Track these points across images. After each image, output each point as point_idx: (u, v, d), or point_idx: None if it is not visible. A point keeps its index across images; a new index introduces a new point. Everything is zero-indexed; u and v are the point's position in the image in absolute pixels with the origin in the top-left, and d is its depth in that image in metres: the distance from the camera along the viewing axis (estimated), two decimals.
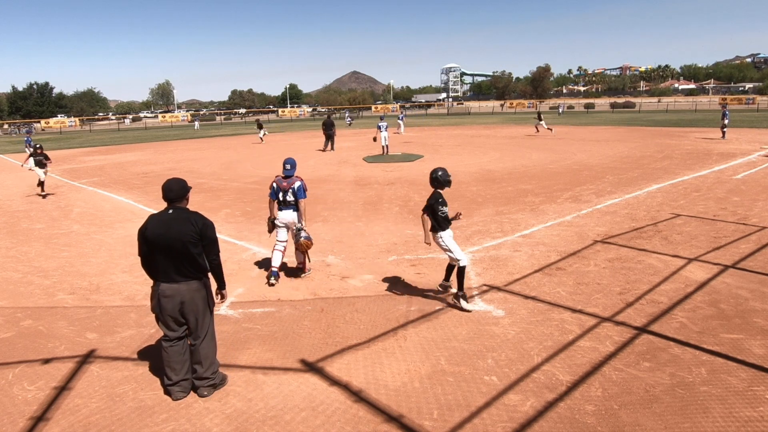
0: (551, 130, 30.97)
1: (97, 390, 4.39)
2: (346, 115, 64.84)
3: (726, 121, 24.43)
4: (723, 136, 24.26)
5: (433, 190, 6.03)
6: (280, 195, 6.92)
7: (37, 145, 15.37)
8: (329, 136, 25.38)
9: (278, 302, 6.29)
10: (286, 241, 7.11)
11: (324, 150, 25.17)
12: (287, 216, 6.95)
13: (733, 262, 7.11)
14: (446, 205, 5.95)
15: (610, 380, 4.30)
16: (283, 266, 7.39)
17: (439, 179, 5.99)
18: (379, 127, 23.05)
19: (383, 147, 22.67)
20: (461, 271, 5.85)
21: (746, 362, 4.51)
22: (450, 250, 5.92)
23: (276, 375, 4.58)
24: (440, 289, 6.43)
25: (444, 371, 4.56)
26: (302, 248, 6.96)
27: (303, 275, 7.17)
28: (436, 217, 5.88)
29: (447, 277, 6.35)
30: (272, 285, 6.83)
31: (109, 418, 3.99)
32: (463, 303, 5.82)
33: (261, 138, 34.01)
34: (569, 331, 5.18)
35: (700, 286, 6.29)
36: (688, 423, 3.71)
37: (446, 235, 5.94)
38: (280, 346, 5.11)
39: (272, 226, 7.12)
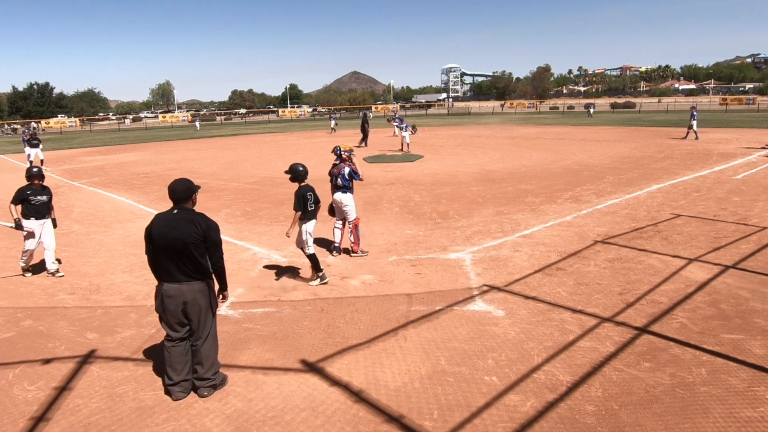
0: None
1: (97, 390, 4.39)
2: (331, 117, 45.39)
3: (694, 122, 24.31)
4: (696, 137, 24.08)
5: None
6: (333, 179, 7.86)
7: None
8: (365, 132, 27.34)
9: (278, 302, 6.29)
10: (342, 220, 8.06)
11: (359, 146, 25.78)
12: (337, 197, 7.90)
13: (734, 262, 7.11)
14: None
15: (611, 380, 4.30)
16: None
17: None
18: (400, 127, 23.59)
19: (405, 144, 23.27)
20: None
21: (746, 362, 4.51)
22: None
23: (276, 375, 4.58)
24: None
25: (444, 371, 4.56)
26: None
27: (353, 255, 7.91)
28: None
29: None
30: (334, 256, 7.91)
31: (110, 418, 3.99)
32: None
33: None
34: (569, 332, 5.18)
35: (701, 287, 6.29)
36: (689, 423, 3.71)
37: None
38: (280, 347, 5.11)
39: (330, 209, 8.03)
